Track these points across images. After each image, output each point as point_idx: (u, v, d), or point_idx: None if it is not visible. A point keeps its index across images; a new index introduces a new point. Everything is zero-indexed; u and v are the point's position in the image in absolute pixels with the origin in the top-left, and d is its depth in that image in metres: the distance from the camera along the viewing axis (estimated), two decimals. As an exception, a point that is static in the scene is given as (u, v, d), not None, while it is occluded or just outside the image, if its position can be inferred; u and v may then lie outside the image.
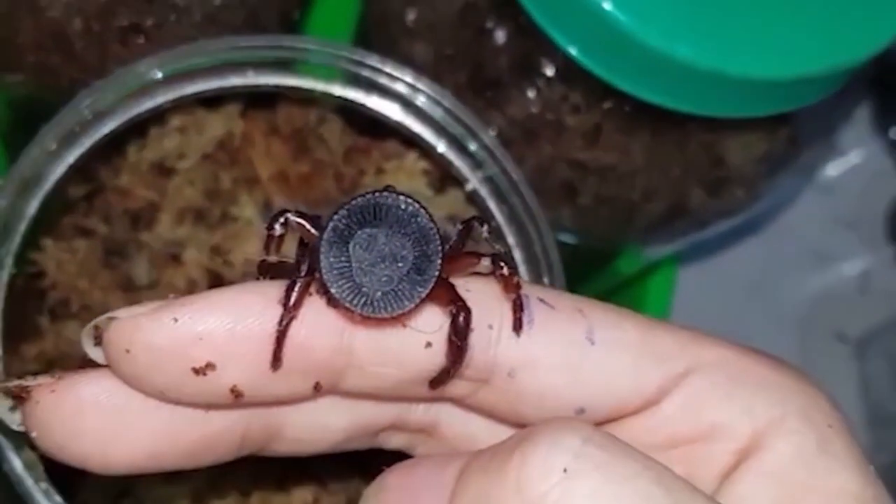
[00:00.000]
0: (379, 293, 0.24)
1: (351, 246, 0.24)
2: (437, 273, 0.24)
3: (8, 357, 0.37)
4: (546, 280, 0.37)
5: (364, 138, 0.44)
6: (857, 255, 0.72)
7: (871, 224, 0.73)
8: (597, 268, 0.55)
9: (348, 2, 0.51)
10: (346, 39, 0.51)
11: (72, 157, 0.34)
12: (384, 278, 0.24)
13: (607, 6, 0.39)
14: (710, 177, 0.47)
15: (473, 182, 0.38)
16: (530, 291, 0.26)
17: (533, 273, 0.37)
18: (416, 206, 0.24)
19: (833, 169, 0.73)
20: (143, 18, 0.40)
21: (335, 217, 0.24)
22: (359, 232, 0.24)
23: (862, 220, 0.73)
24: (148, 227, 0.43)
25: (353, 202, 0.24)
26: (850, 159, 0.73)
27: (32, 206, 0.34)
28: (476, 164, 0.38)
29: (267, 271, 0.25)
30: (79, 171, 0.37)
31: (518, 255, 0.38)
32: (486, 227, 0.27)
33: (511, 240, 0.38)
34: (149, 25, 0.40)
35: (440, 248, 0.24)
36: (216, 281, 0.42)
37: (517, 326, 0.25)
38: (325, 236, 0.24)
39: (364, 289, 0.24)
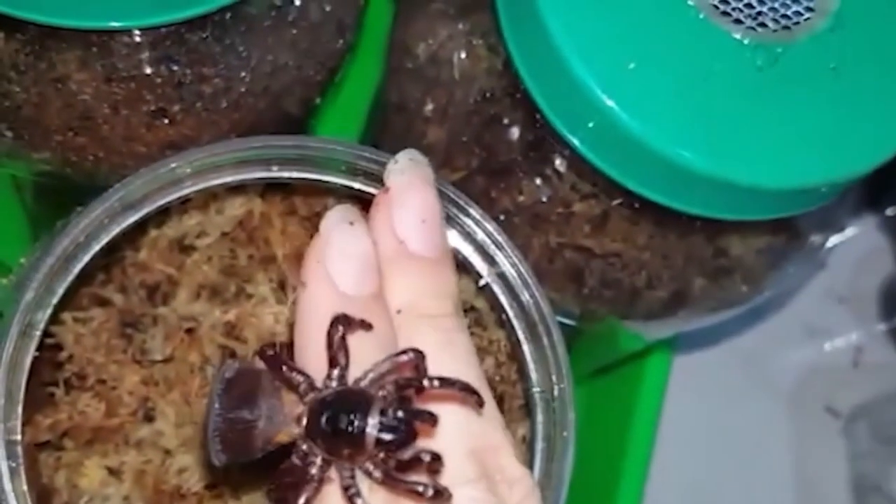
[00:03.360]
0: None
1: None
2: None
3: (23, 427, 0.38)
4: (553, 377, 0.38)
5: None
6: (850, 330, 0.73)
7: (864, 299, 0.74)
8: (596, 346, 0.56)
9: (365, 89, 0.53)
10: (362, 123, 0.53)
11: (98, 245, 0.35)
12: None
13: (611, 104, 0.39)
14: (713, 267, 0.48)
15: (486, 277, 0.39)
16: None
17: (541, 369, 0.38)
18: None
19: (827, 243, 0.74)
20: (170, 104, 0.41)
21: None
22: None
23: (855, 295, 0.74)
24: (164, 301, 0.44)
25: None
26: (844, 234, 0.74)
27: (57, 296, 0.35)
28: (490, 260, 0.39)
29: None
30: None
31: (526, 349, 0.39)
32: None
33: (521, 335, 0.39)
34: (175, 110, 0.41)
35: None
36: (230, 357, 0.43)
37: None
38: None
39: None
